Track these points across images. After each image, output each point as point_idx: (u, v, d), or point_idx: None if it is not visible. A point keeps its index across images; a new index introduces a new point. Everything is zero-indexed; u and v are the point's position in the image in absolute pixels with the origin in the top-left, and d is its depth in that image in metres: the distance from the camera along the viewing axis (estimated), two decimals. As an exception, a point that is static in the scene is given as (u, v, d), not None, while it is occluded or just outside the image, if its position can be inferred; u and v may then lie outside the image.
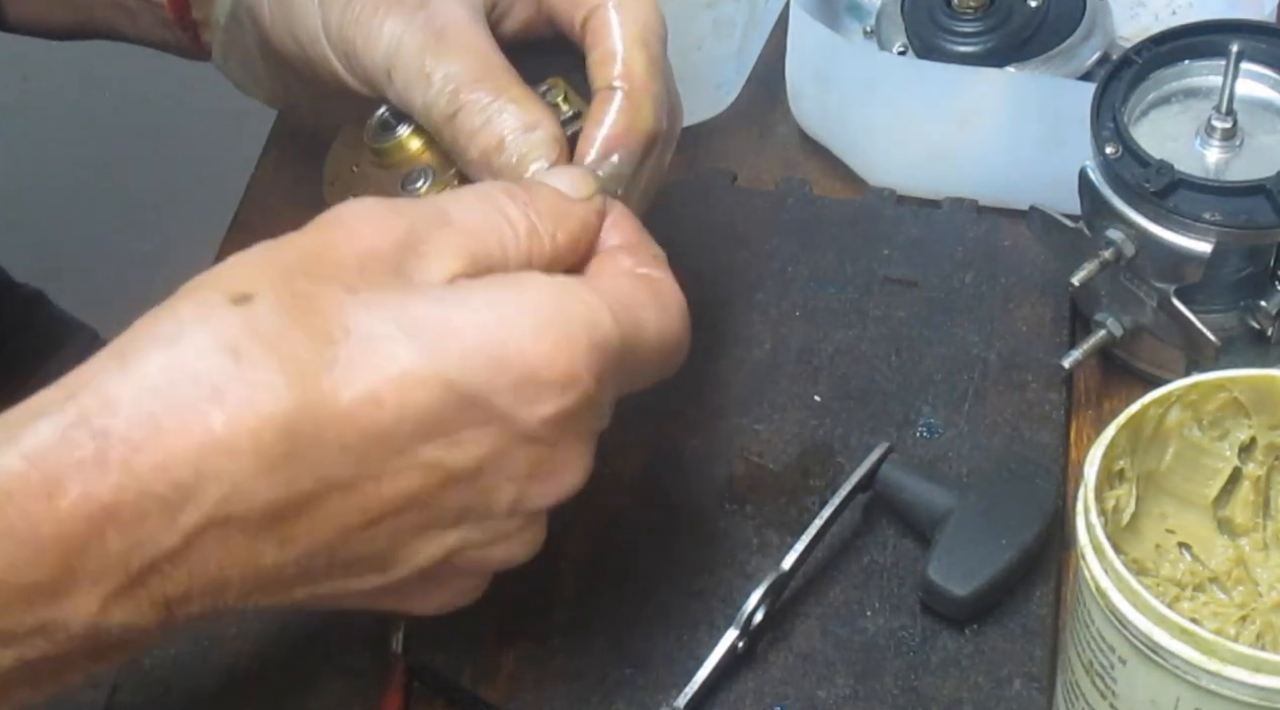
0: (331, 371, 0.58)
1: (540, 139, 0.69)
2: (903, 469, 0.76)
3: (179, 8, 0.81)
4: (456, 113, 0.69)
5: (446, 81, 0.69)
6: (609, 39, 0.70)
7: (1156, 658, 0.60)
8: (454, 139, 0.69)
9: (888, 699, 0.72)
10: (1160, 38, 0.81)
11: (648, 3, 0.71)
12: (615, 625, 0.74)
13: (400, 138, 0.72)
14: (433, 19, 0.70)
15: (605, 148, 0.69)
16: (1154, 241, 0.77)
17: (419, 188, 0.71)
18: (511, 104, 0.69)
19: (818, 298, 0.85)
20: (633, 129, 0.69)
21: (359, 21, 0.71)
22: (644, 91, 0.70)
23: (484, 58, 0.70)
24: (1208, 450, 0.69)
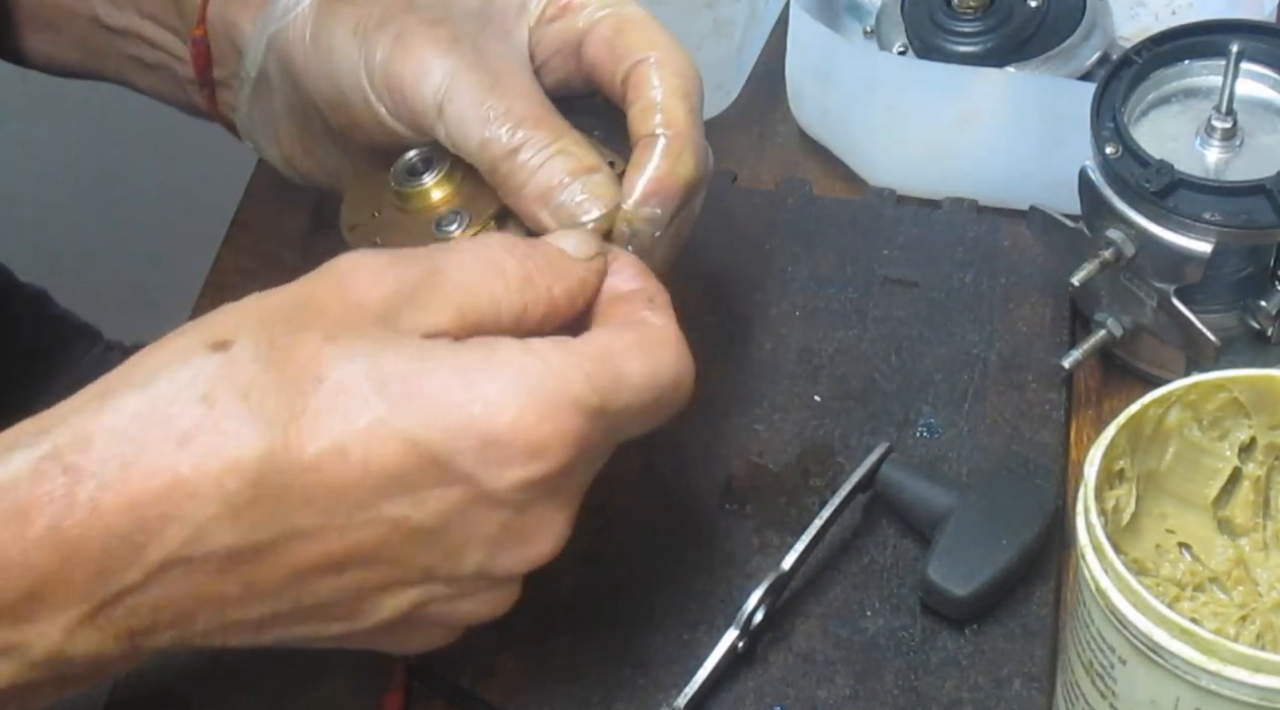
0: (299, 422, 0.59)
1: (600, 181, 0.70)
2: (903, 469, 0.76)
3: (201, 66, 0.81)
4: (518, 148, 0.70)
5: (508, 117, 0.70)
6: (651, 90, 0.71)
7: (1156, 658, 0.60)
8: (510, 174, 0.70)
9: (888, 699, 0.72)
10: (1160, 38, 0.81)
11: (686, 59, 0.72)
12: (615, 625, 0.74)
13: (425, 185, 0.73)
14: (488, 61, 0.72)
15: (647, 192, 0.70)
16: (1154, 241, 0.77)
17: (453, 231, 0.72)
18: (573, 146, 0.71)
19: (818, 298, 0.85)
20: (674, 175, 0.71)
21: (409, 58, 0.72)
22: (685, 139, 0.71)
23: (540, 102, 0.71)
24: (1208, 450, 0.69)
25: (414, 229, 0.73)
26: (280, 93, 0.78)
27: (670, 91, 0.71)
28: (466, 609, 0.64)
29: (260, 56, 0.78)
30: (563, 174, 0.70)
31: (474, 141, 0.71)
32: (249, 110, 0.81)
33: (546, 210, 0.70)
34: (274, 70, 0.77)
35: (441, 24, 0.73)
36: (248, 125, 0.82)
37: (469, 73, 0.71)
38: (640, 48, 0.72)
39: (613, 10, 0.73)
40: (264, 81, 0.78)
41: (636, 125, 0.71)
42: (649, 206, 0.70)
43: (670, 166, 0.70)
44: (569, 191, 0.70)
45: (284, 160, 0.82)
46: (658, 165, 0.70)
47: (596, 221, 0.70)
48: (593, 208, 0.70)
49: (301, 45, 0.75)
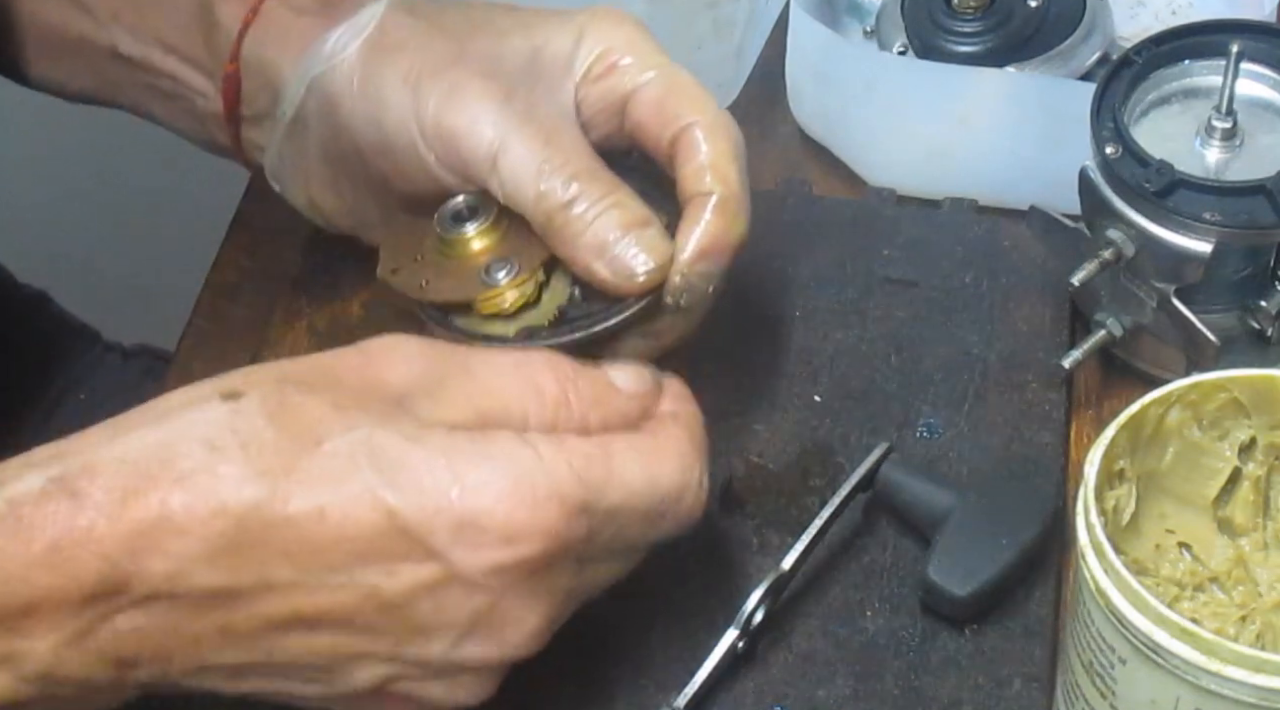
0: (290, 478, 0.62)
1: (654, 235, 0.71)
2: (903, 469, 0.76)
3: (231, 103, 0.81)
4: (573, 200, 0.71)
5: (563, 169, 0.71)
6: (703, 153, 0.73)
7: (1156, 658, 0.60)
8: (564, 226, 0.71)
9: (888, 699, 0.72)
10: (1160, 38, 0.81)
11: (733, 123, 0.74)
12: (615, 625, 0.74)
13: (470, 233, 0.73)
14: (539, 115, 0.73)
15: (703, 248, 0.72)
16: (1154, 241, 0.77)
17: (501, 278, 0.72)
18: (627, 199, 0.72)
19: (818, 298, 0.85)
20: (728, 233, 0.72)
21: (464, 110, 0.73)
22: (738, 201, 0.72)
23: (592, 156, 0.73)
24: (1208, 450, 0.69)
25: (461, 274, 0.73)
26: (317, 135, 0.78)
27: (721, 154, 0.72)
28: (438, 693, 0.66)
29: (299, 98, 0.78)
30: (616, 227, 0.71)
31: (529, 194, 0.72)
32: (280, 150, 0.81)
33: (601, 261, 0.71)
34: (313, 112, 0.78)
35: (493, 77, 0.74)
36: (276, 165, 0.82)
37: (523, 126, 0.72)
38: (689, 112, 0.73)
39: (660, 73, 0.74)
40: (300, 123, 0.79)
41: (690, 185, 0.72)
42: (704, 263, 0.72)
43: (725, 225, 0.72)
44: (623, 245, 0.71)
45: (309, 202, 0.82)
46: (714, 222, 0.72)
47: (649, 274, 0.71)
48: (648, 261, 0.71)
49: (349, 90, 0.76)
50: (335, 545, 0.62)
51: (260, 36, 0.79)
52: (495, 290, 0.72)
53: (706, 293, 0.72)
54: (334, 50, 0.76)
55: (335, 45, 0.76)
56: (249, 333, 0.87)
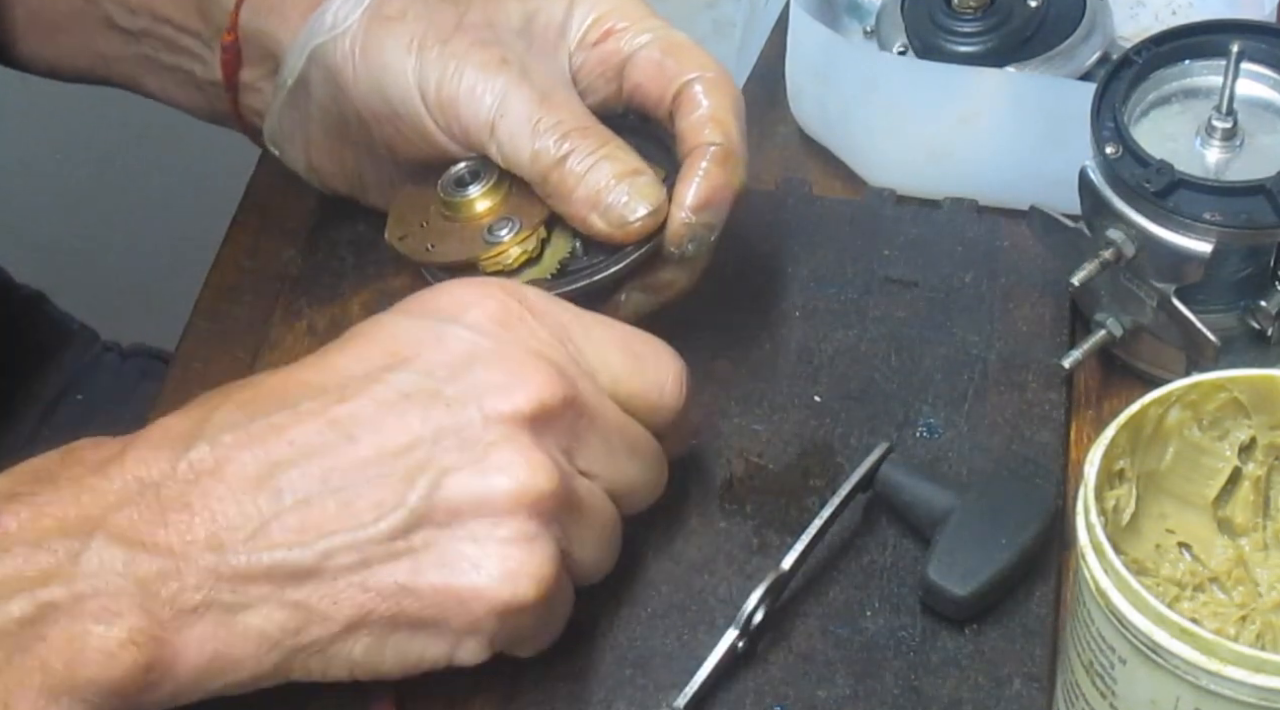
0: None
1: (646, 183, 0.74)
2: (903, 469, 0.76)
3: (230, 71, 0.83)
4: (567, 156, 0.74)
5: (556, 128, 0.74)
6: (703, 107, 0.75)
7: (1156, 658, 0.60)
8: (560, 181, 0.74)
9: (888, 699, 0.72)
10: (1160, 38, 0.81)
11: (733, 82, 0.76)
12: (615, 625, 0.74)
13: (474, 195, 0.76)
14: (535, 79, 0.75)
15: (705, 197, 0.74)
16: (1154, 241, 0.77)
17: (504, 236, 0.75)
18: (618, 151, 0.74)
19: (818, 298, 0.85)
20: (729, 184, 0.75)
21: (463, 78, 0.75)
22: (738, 150, 0.75)
23: (585, 113, 0.75)
24: (1208, 450, 0.69)
25: (465, 236, 0.76)
26: (318, 103, 0.80)
27: (721, 107, 0.75)
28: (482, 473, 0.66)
29: (301, 66, 0.79)
30: (609, 177, 0.73)
31: (525, 154, 0.74)
32: (280, 117, 0.82)
33: (595, 212, 0.73)
34: (315, 81, 0.79)
35: (491, 45, 0.76)
36: (275, 131, 0.83)
37: (518, 90, 0.74)
38: (690, 68, 0.75)
39: (657, 34, 0.76)
40: (301, 90, 0.80)
41: (690, 137, 0.74)
42: (706, 212, 0.74)
43: (725, 175, 0.74)
44: (615, 193, 0.73)
45: (308, 167, 0.84)
46: (715, 171, 0.74)
47: (643, 220, 0.73)
48: (639, 207, 0.73)
49: (349, 59, 0.77)
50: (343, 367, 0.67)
51: (257, 6, 0.81)
52: (499, 247, 0.75)
53: (709, 241, 0.74)
54: (335, 21, 0.78)
55: (337, 16, 0.78)
56: (249, 333, 0.87)
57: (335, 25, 0.78)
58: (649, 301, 0.77)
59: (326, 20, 0.78)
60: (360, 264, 0.87)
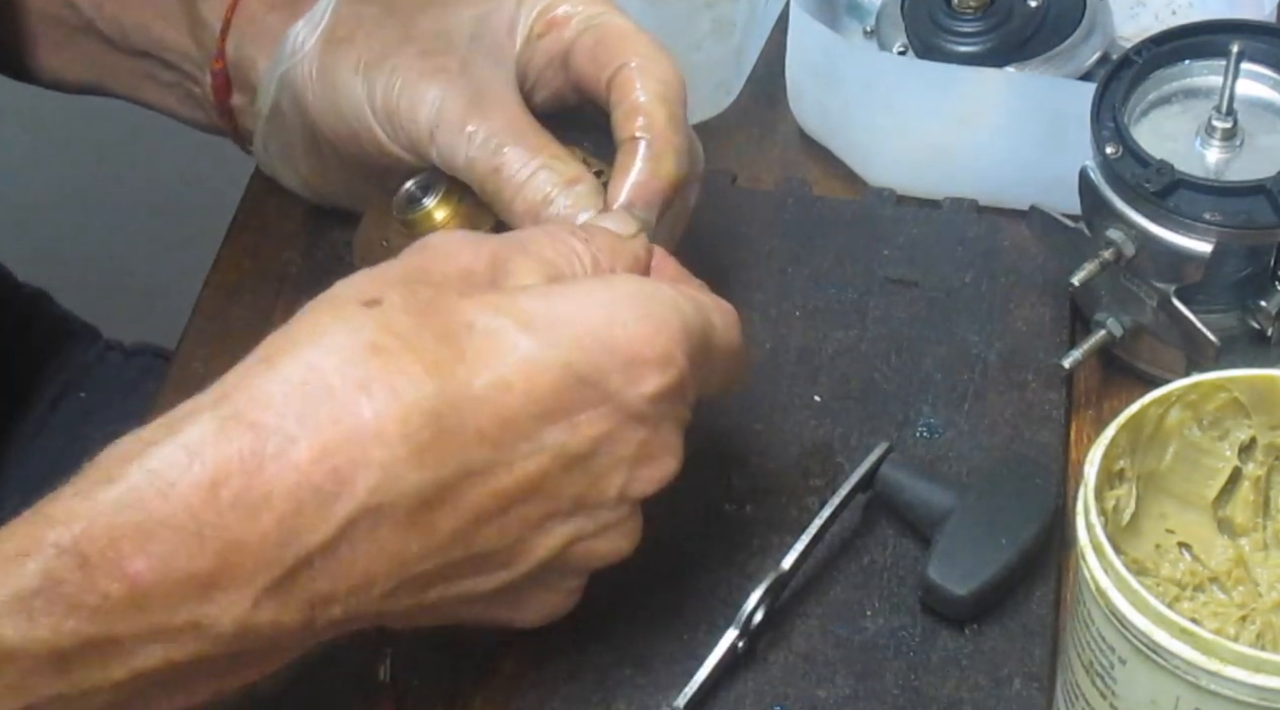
0: (463, 362, 0.62)
1: (584, 192, 0.73)
2: (903, 469, 0.76)
3: (222, 97, 0.84)
4: (500, 167, 0.73)
5: (489, 137, 0.73)
6: (631, 95, 0.74)
7: (1156, 658, 0.60)
8: (498, 192, 0.73)
9: (888, 699, 0.72)
10: (1160, 38, 0.81)
11: (668, 63, 0.75)
12: (615, 625, 0.74)
13: (427, 208, 0.76)
14: (474, 84, 0.75)
15: (631, 197, 0.73)
16: (1154, 241, 0.77)
17: None
18: (554, 160, 0.74)
19: (818, 298, 0.85)
20: (656, 177, 0.73)
21: (403, 89, 0.75)
22: (665, 142, 0.73)
23: (520, 118, 0.74)
24: (1208, 450, 0.69)
25: None
26: (294, 126, 0.81)
27: (651, 95, 0.73)
28: (605, 547, 0.67)
29: (274, 93, 0.80)
30: (547, 187, 0.73)
31: (461, 162, 0.74)
32: (265, 142, 0.83)
33: (535, 224, 0.72)
34: (287, 106, 0.80)
35: (433, 55, 0.76)
36: (264, 156, 0.84)
37: (452, 98, 0.74)
38: (621, 54, 0.74)
39: (596, 21, 0.75)
40: (278, 116, 0.81)
41: (619, 130, 0.74)
42: (635, 211, 0.73)
43: (652, 169, 0.73)
44: (555, 205, 0.73)
45: (304, 186, 0.85)
46: (640, 169, 0.73)
47: None
48: (579, 219, 0.72)
49: (309, 83, 0.78)
50: (524, 411, 0.63)
51: (240, 33, 0.82)
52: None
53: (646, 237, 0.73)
54: (295, 47, 0.79)
55: (296, 42, 0.79)
56: (249, 333, 0.86)
57: (295, 51, 0.79)
58: None
59: (288, 46, 0.79)
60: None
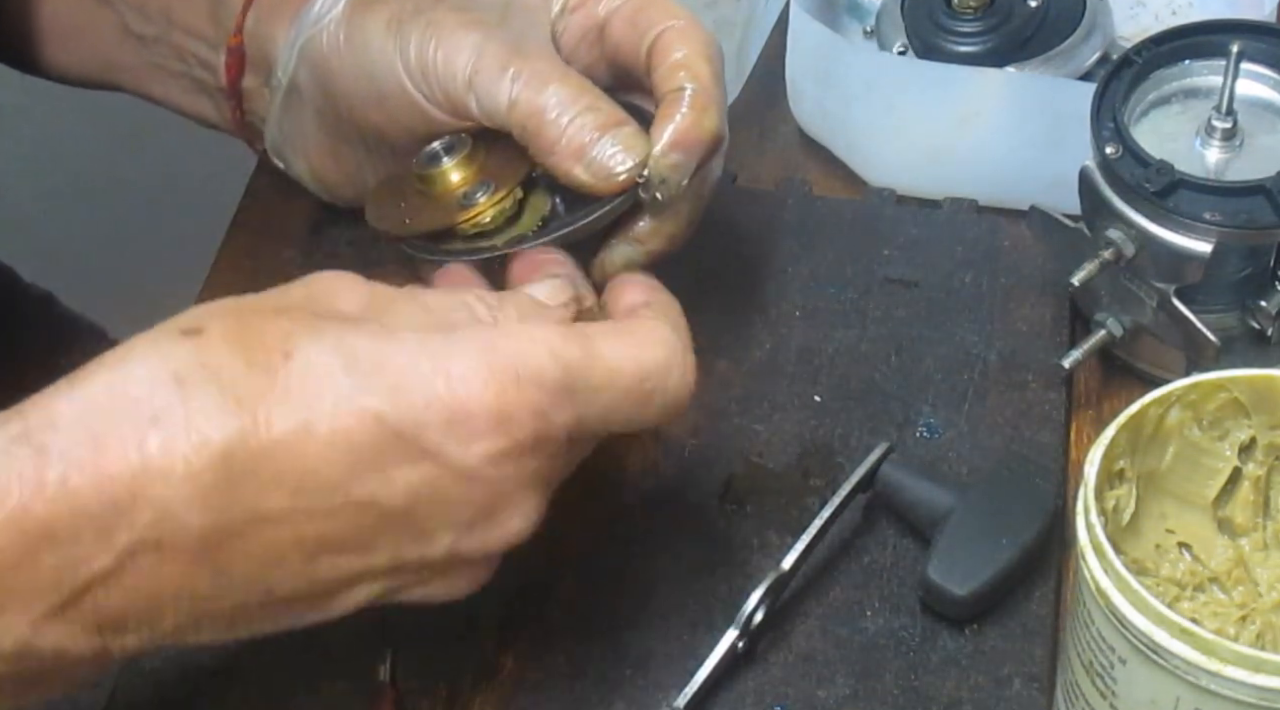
0: (268, 401, 0.59)
1: (631, 133, 0.72)
2: (903, 469, 0.76)
3: (233, 76, 0.83)
4: (544, 108, 0.72)
5: (533, 76, 0.72)
6: (675, 52, 0.74)
7: (1156, 658, 0.60)
8: (539, 132, 0.72)
9: (888, 699, 0.72)
10: (1160, 38, 0.81)
11: (707, 29, 0.75)
12: (615, 625, 0.74)
13: (444, 167, 0.75)
14: (510, 32, 0.74)
15: (674, 140, 0.72)
16: (1154, 241, 0.77)
17: (479, 198, 0.73)
18: (599, 101, 0.73)
19: (818, 298, 0.85)
20: (699, 127, 0.73)
21: (440, 40, 0.74)
22: (709, 95, 0.73)
23: (563, 64, 0.74)
24: (1208, 450, 0.69)
25: (441, 205, 0.74)
26: (311, 102, 0.80)
27: (695, 53, 0.73)
28: (436, 590, 0.64)
29: (292, 66, 0.79)
30: (593, 129, 0.72)
31: (503, 103, 0.73)
32: (279, 122, 0.82)
33: (580, 165, 0.72)
34: (305, 79, 0.79)
35: (468, 10, 0.75)
36: (276, 138, 0.83)
37: (493, 43, 0.73)
38: (663, 18, 0.74)
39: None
40: (294, 92, 0.80)
41: (662, 83, 0.73)
42: (675, 154, 0.72)
43: (696, 118, 0.72)
44: (600, 145, 0.72)
45: (312, 174, 0.84)
46: (685, 115, 0.72)
47: (629, 172, 0.72)
48: (626, 159, 0.72)
49: (335, 48, 0.77)
50: (328, 461, 0.59)
51: (260, 8, 0.81)
52: (474, 210, 0.73)
53: (679, 186, 0.73)
54: (320, 14, 0.78)
55: (322, 9, 0.78)
56: (249, 333, 0.87)
57: (320, 18, 0.78)
58: (637, 253, 0.75)
59: (312, 14, 0.78)
60: (360, 264, 0.87)
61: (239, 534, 0.59)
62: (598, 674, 0.73)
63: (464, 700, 0.73)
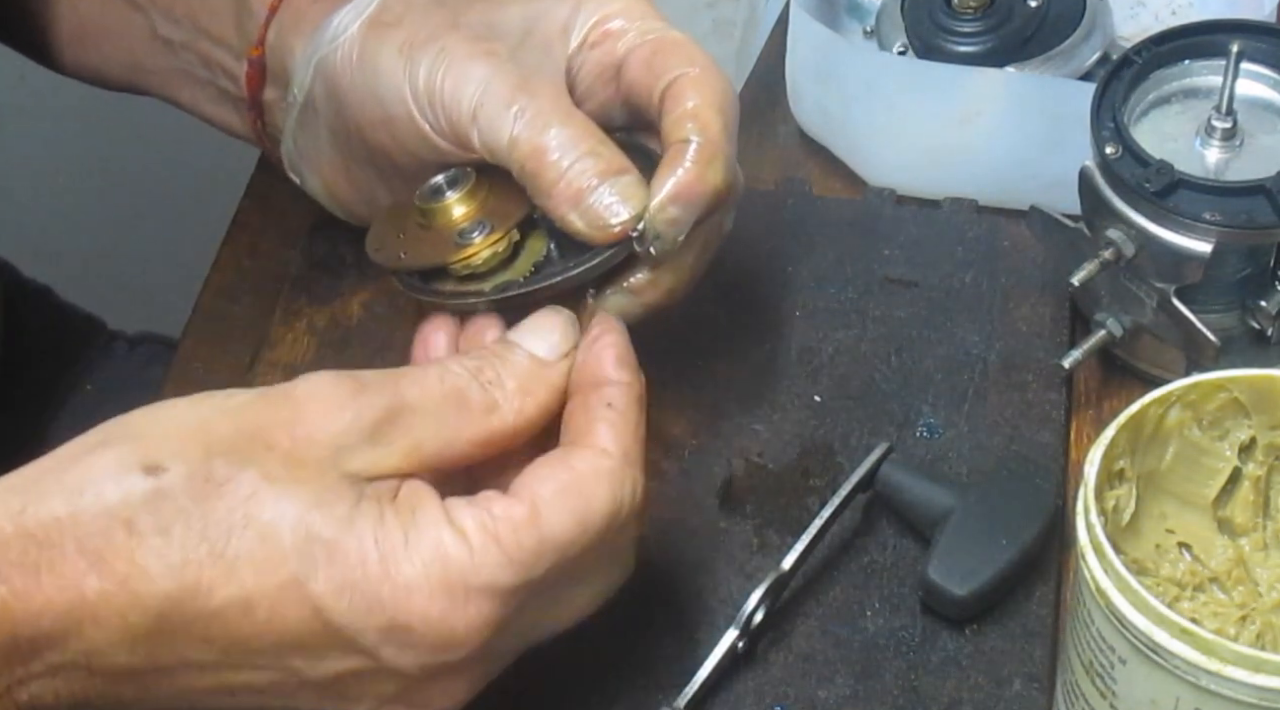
0: (215, 566, 0.60)
1: (630, 183, 0.70)
2: (903, 469, 0.76)
3: (254, 87, 0.82)
4: (544, 148, 0.71)
5: (536, 115, 0.71)
6: (687, 101, 0.72)
7: (1156, 658, 0.60)
8: (538, 174, 0.71)
9: (888, 699, 0.72)
10: (1160, 38, 0.81)
11: (724, 78, 0.73)
12: (615, 625, 0.74)
13: (448, 201, 0.74)
14: (520, 67, 0.73)
15: (673, 193, 0.71)
16: (1154, 241, 0.77)
17: (475, 237, 0.72)
18: (601, 147, 0.71)
19: (818, 298, 0.85)
20: (702, 180, 0.71)
21: (449, 69, 0.73)
22: (716, 148, 0.71)
23: (569, 104, 0.72)
24: (1208, 450, 0.69)
25: (438, 241, 0.74)
26: (324, 118, 0.79)
27: (706, 103, 0.72)
28: None
29: (308, 81, 0.79)
30: (592, 175, 0.70)
31: (503, 140, 0.71)
32: (294, 137, 0.82)
33: (576, 212, 0.70)
34: (319, 95, 0.79)
35: (482, 40, 0.74)
36: (292, 153, 0.83)
37: (503, 77, 0.72)
38: (680, 64, 0.73)
39: (653, 35, 0.74)
40: (309, 107, 0.80)
41: (670, 132, 0.72)
42: (673, 209, 0.70)
43: (699, 172, 0.71)
44: (598, 193, 0.70)
45: (326, 191, 0.83)
46: (687, 168, 0.71)
47: (624, 223, 0.70)
48: (622, 210, 0.70)
49: (348, 68, 0.76)
50: (259, 636, 0.61)
51: (283, 21, 0.81)
52: (469, 249, 0.72)
53: (675, 241, 0.71)
54: (336, 31, 0.77)
55: (338, 27, 0.77)
56: (249, 333, 0.87)
57: (336, 36, 0.77)
58: (632, 305, 0.73)
59: (328, 32, 0.77)
60: (360, 264, 0.87)
61: (166, 672, 0.62)
62: (598, 674, 0.73)
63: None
